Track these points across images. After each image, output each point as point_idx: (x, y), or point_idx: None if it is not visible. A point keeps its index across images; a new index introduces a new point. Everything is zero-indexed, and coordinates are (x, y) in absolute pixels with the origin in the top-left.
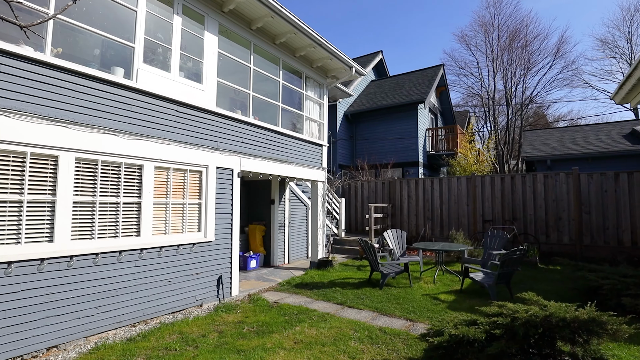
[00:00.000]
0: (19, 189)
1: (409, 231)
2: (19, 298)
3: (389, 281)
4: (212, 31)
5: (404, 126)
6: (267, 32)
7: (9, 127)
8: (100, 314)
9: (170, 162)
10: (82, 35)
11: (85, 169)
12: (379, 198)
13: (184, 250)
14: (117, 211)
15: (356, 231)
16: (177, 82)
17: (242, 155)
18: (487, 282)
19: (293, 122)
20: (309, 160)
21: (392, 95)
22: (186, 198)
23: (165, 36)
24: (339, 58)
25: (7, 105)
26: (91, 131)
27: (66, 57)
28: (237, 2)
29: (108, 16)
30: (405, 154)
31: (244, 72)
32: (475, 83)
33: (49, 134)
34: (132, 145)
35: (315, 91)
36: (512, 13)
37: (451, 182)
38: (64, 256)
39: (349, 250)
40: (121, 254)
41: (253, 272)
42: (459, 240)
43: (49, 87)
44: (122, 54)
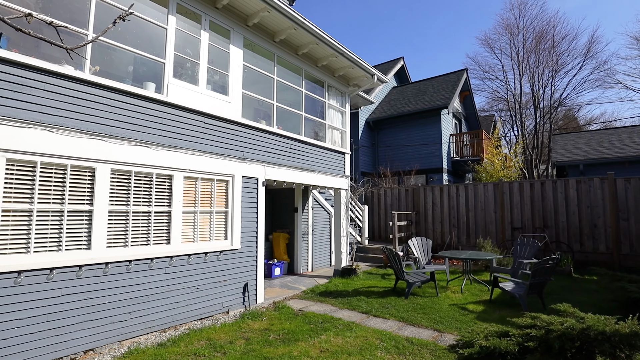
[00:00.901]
0: (60, 199)
1: (434, 239)
2: (60, 302)
3: (415, 290)
4: (237, 45)
5: (427, 132)
6: (290, 44)
7: (53, 141)
8: (133, 319)
9: (198, 172)
10: (117, 53)
11: (120, 179)
12: (402, 205)
13: (211, 257)
14: (149, 220)
15: (379, 239)
16: (205, 95)
17: (266, 165)
18: (518, 293)
19: (315, 131)
20: (332, 168)
21: (414, 101)
22: (213, 207)
23: (194, 51)
24: (360, 66)
25: (51, 121)
26: (125, 144)
27: (103, 75)
28: (261, 16)
29: (140, 34)
30: (428, 160)
31: (268, 83)
32: (500, 86)
33: (87, 147)
34: (163, 157)
35: (337, 99)
36: (538, 14)
37: (477, 189)
38: (100, 263)
39: (373, 258)
40: (152, 261)
41: (277, 279)
42: (487, 248)
43: (88, 103)
44: (153, 69)
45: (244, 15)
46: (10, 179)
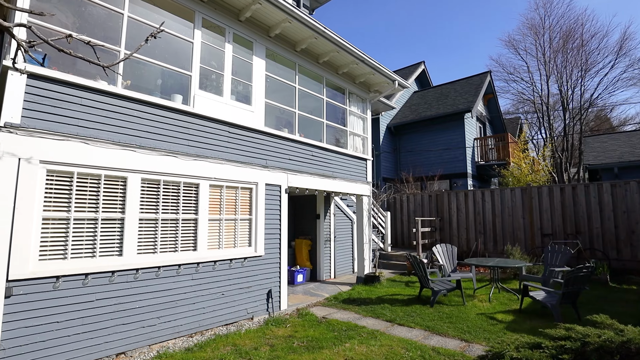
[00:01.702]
0: (95, 208)
1: (459, 246)
2: (94, 307)
3: (440, 299)
4: (259, 55)
5: (450, 137)
6: (311, 52)
7: (88, 153)
8: (162, 324)
9: (223, 180)
10: (146, 67)
11: (149, 188)
12: (425, 211)
13: (236, 264)
14: (177, 227)
15: (402, 246)
16: (229, 105)
17: (289, 172)
18: (550, 302)
19: (337, 137)
20: (354, 174)
21: (436, 105)
22: (238, 214)
23: (218, 63)
24: (381, 72)
25: (86, 133)
26: (154, 154)
27: (133, 88)
28: (282, 26)
29: (168, 49)
30: (452, 165)
31: (289, 90)
32: (526, 88)
33: (119, 158)
34: (190, 166)
35: (358, 106)
36: (565, 13)
37: (504, 194)
38: (131, 269)
39: (396, 265)
40: (180, 267)
41: (300, 286)
42: (516, 255)
43: (120, 115)
44: (180, 81)
45: (266, 26)
46: (50, 189)
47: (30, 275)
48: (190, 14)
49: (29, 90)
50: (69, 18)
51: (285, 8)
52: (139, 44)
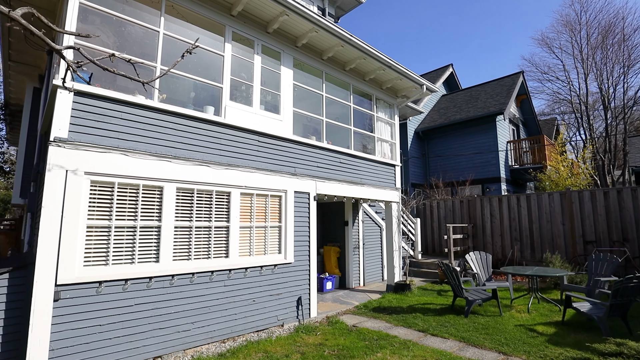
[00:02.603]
0: (134, 216)
1: (493, 253)
2: (133, 311)
3: (475, 308)
4: (287, 65)
5: (482, 140)
6: (338, 60)
7: (128, 164)
8: (196, 329)
9: (253, 188)
10: (180, 81)
11: (184, 197)
12: (457, 218)
13: (266, 271)
14: (209, 234)
15: (433, 253)
16: (258, 115)
17: (317, 179)
18: (596, 315)
19: (364, 144)
20: (382, 181)
21: (466, 108)
22: (267, 221)
23: (248, 74)
24: (408, 77)
25: (126, 146)
26: (188, 164)
27: (168, 101)
28: (309, 36)
29: (200, 62)
30: (484, 169)
31: (316, 98)
32: (562, 88)
33: (156, 168)
34: (221, 175)
35: (386, 112)
36: (603, 7)
37: (541, 199)
38: (167, 275)
39: (427, 273)
40: (213, 274)
41: (329, 293)
42: (556, 264)
43: (156, 128)
44: (211, 93)
45: (293, 37)
46: (93, 199)
47: (76, 280)
48: (220, 29)
49: (76, 107)
50: (110, 38)
51: (312, 18)
52: (176, 60)
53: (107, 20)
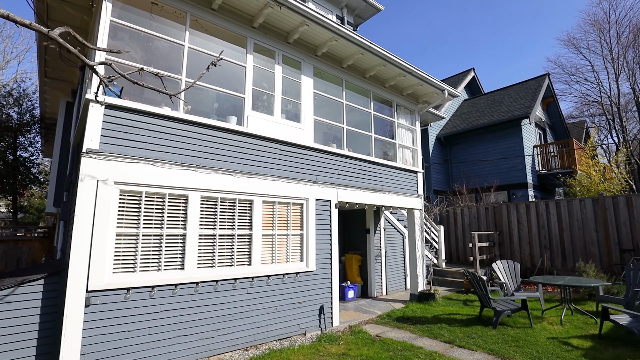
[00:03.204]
0: (160, 224)
1: (522, 262)
2: (159, 318)
3: (504, 320)
4: (307, 74)
5: (507, 145)
6: (357, 68)
7: (154, 173)
8: (219, 337)
9: (275, 196)
10: (204, 92)
11: (208, 205)
12: (482, 225)
13: (288, 279)
14: (232, 242)
15: (458, 261)
16: (280, 124)
17: (338, 187)
18: (637, 328)
19: (385, 151)
20: (404, 187)
21: (489, 113)
22: (289, 229)
23: (269, 84)
24: (429, 83)
25: (153, 156)
26: (212, 173)
27: (193, 112)
28: (329, 45)
29: (223, 74)
30: (510, 175)
31: (336, 105)
32: (591, 89)
33: (181, 177)
34: (244, 183)
35: (407, 118)
36: (634, 4)
37: (572, 205)
38: (191, 282)
39: (452, 282)
40: (236, 281)
41: (351, 302)
42: (590, 273)
43: (181, 138)
44: (234, 103)
45: (313, 46)
46: (122, 208)
47: (105, 286)
48: (242, 40)
49: (106, 119)
50: (138, 52)
51: (332, 27)
52: (201, 72)
53: (135, 36)
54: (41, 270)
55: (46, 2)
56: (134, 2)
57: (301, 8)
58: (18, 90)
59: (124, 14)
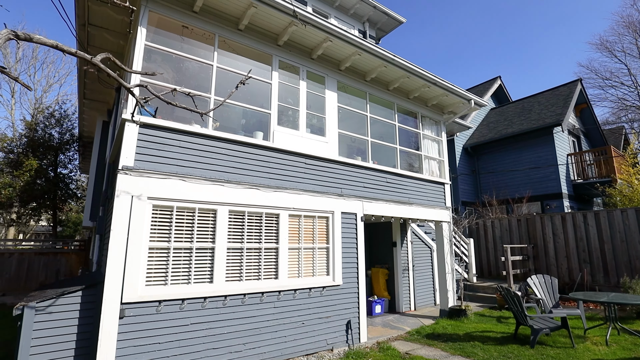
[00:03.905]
0: (190, 238)
1: (559, 277)
2: (189, 330)
3: (542, 338)
4: (331, 88)
5: (538, 154)
6: (381, 81)
7: (185, 189)
8: (247, 350)
9: (301, 210)
10: (231, 109)
11: (235, 219)
12: (514, 237)
13: (315, 293)
14: (259, 256)
15: (489, 276)
16: (305, 138)
17: (364, 200)
18: None
19: (410, 162)
20: (431, 200)
21: (518, 121)
22: (315, 243)
23: (294, 99)
24: (454, 93)
25: (184, 172)
26: (239, 187)
27: (221, 129)
28: (352, 59)
29: (249, 91)
30: (543, 185)
31: (360, 118)
32: (628, 93)
33: (210, 192)
34: (270, 197)
35: (432, 129)
36: None
37: (613, 216)
38: (220, 295)
39: (484, 298)
40: (263, 295)
41: (378, 317)
42: (637, 290)
43: (211, 154)
44: (260, 119)
45: (337, 61)
46: (155, 222)
47: (138, 299)
48: (267, 58)
49: (141, 137)
50: (170, 73)
51: (354, 42)
52: (230, 91)
53: (167, 58)
54: (79, 282)
55: (87, 30)
56: (166, 26)
57: (324, 25)
58: (59, 112)
59: (157, 38)
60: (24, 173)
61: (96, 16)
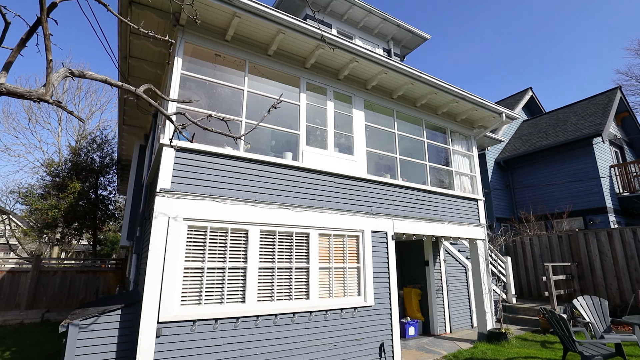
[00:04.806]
0: (223, 258)
1: (608, 298)
2: (222, 350)
3: None
4: (358, 107)
5: (577, 166)
6: (408, 98)
7: (218, 209)
8: None
9: (330, 229)
10: (262, 131)
11: (266, 239)
12: (556, 255)
13: (346, 314)
14: (290, 275)
15: (530, 297)
16: (333, 157)
17: (394, 218)
18: None
19: (441, 179)
20: (464, 217)
21: (553, 133)
22: (346, 262)
23: (321, 119)
24: (484, 107)
25: (217, 193)
26: (270, 207)
27: (252, 150)
28: (378, 78)
29: (278, 112)
30: (584, 199)
31: (387, 135)
32: None
33: (242, 213)
34: (300, 216)
35: (462, 144)
36: None
37: None
38: (252, 315)
39: (525, 320)
40: (294, 315)
41: (412, 340)
42: None
43: (242, 175)
44: (289, 139)
45: (363, 80)
46: (190, 242)
47: (174, 318)
48: (295, 81)
49: (177, 161)
50: (203, 99)
51: (380, 61)
52: (263, 115)
53: (201, 84)
54: (118, 301)
55: (128, 62)
56: (200, 55)
57: (350, 46)
58: (101, 137)
59: (191, 66)
60: (68, 195)
61: (136, 49)
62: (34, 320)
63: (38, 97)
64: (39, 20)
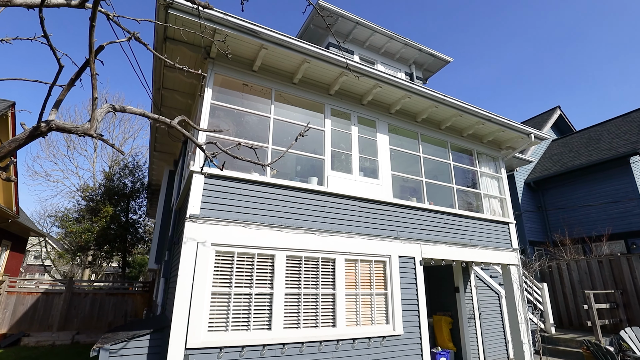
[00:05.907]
0: (249, 283)
1: None
2: None
3: None
4: (382, 131)
5: (615, 186)
6: (432, 121)
7: (245, 234)
8: None
9: (357, 254)
10: (287, 156)
11: (292, 264)
12: (597, 282)
13: (374, 343)
14: (317, 302)
15: (570, 326)
16: (358, 181)
17: (421, 242)
18: None
19: (469, 201)
20: (494, 241)
21: (585, 152)
22: (373, 288)
23: (346, 144)
24: (511, 128)
25: (244, 218)
26: (296, 232)
27: (277, 176)
28: (402, 102)
29: (304, 138)
30: (625, 221)
31: (412, 157)
32: None
33: (268, 238)
34: (326, 241)
35: (490, 166)
36: None
37: None
38: (278, 343)
39: (567, 353)
40: (321, 344)
41: None
42: None
43: (268, 200)
44: (313, 164)
45: (387, 104)
46: (217, 267)
47: (201, 345)
48: (320, 107)
49: (206, 187)
50: (231, 126)
51: (403, 86)
52: (291, 143)
53: (229, 113)
54: (147, 326)
55: (161, 93)
56: (228, 85)
57: (374, 72)
58: (132, 163)
59: (220, 96)
60: (101, 219)
61: (169, 81)
62: (65, 342)
63: (84, 132)
64: (87, 62)
